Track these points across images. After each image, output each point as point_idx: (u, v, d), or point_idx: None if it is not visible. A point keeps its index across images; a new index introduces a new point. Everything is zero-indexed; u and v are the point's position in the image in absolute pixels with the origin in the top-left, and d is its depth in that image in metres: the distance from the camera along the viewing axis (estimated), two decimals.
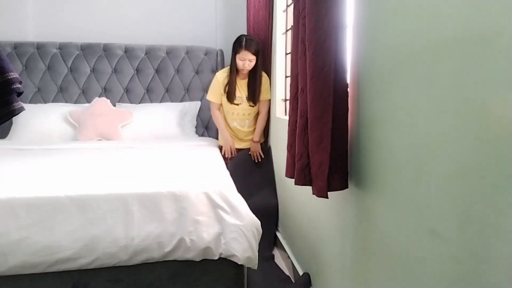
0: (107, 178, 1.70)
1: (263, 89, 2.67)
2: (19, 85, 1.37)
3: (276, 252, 2.37)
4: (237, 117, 2.74)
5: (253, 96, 2.63)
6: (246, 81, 2.65)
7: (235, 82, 2.62)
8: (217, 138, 3.04)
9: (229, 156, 2.71)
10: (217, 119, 2.74)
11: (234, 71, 2.60)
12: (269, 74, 2.67)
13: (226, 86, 2.64)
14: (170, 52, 3.38)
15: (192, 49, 3.41)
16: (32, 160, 2.09)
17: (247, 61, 2.51)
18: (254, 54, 2.50)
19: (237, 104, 2.67)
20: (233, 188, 1.72)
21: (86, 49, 3.29)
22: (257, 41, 2.57)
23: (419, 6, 0.88)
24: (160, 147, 2.62)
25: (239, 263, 1.60)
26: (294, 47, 1.40)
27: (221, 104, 2.76)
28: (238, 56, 2.51)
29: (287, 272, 2.10)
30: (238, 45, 2.51)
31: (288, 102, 2.48)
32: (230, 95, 2.63)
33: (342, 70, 1.18)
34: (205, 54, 3.38)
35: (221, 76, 2.67)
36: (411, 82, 0.91)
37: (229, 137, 2.66)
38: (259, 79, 2.60)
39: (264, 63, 2.65)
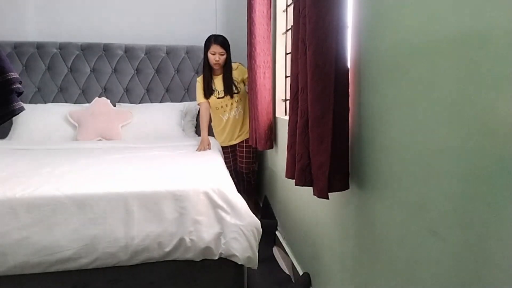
0: (107, 178, 1.70)
1: (241, 80, 2.88)
2: (19, 85, 1.37)
3: (276, 252, 2.37)
4: (227, 108, 2.88)
5: (228, 90, 2.80)
6: (220, 77, 2.82)
7: (210, 78, 2.82)
8: None
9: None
10: (201, 118, 2.88)
11: (207, 67, 2.79)
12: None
13: (204, 84, 2.83)
14: (170, 52, 3.38)
15: (192, 49, 3.41)
16: (32, 160, 2.09)
17: (217, 54, 2.70)
18: (223, 47, 2.71)
19: (222, 97, 2.83)
20: (233, 188, 1.72)
21: (86, 49, 3.28)
22: (225, 37, 2.77)
23: (419, 6, 0.88)
24: (160, 147, 2.61)
25: (239, 263, 1.60)
26: (294, 47, 1.39)
27: (209, 104, 2.88)
28: (209, 51, 2.72)
29: (287, 271, 2.10)
30: (208, 41, 2.75)
31: (288, 102, 2.48)
32: (208, 91, 2.81)
33: (343, 69, 1.17)
34: (203, 53, 3.38)
35: (201, 78, 2.86)
36: (412, 82, 0.91)
37: (206, 138, 2.75)
38: (231, 72, 2.81)
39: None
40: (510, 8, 0.63)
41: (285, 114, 2.52)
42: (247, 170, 2.91)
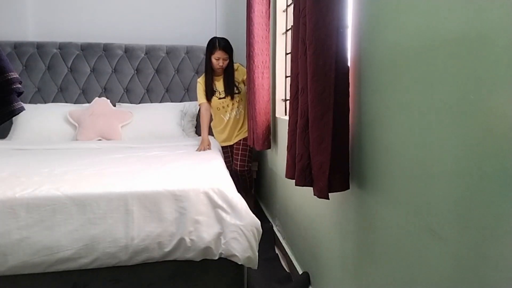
0: (107, 178, 1.70)
1: (241, 80, 2.90)
2: (19, 85, 1.36)
3: (276, 251, 2.37)
4: (228, 108, 2.90)
5: (229, 91, 2.83)
6: (221, 78, 2.84)
7: (212, 80, 2.83)
8: None
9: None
10: (202, 119, 2.88)
11: (209, 70, 2.81)
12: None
13: (206, 86, 2.85)
14: (170, 52, 3.38)
15: (192, 49, 3.41)
16: (32, 160, 2.09)
17: (221, 59, 2.73)
18: (227, 52, 2.73)
19: (224, 98, 2.86)
20: (233, 188, 1.72)
21: (86, 49, 3.28)
22: (228, 41, 2.79)
23: (419, 6, 0.88)
24: (160, 147, 2.61)
25: (239, 263, 1.60)
26: (295, 47, 1.39)
27: (210, 105, 2.89)
28: (213, 56, 2.73)
29: (287, 270, 2.10)
30: (212, 46, 2.74)
31: (288, 102, 2.48)
32: (210, 92, 2.83)
33: (343, 69, 1.17)
34: (205, 54, 3.38)
35: (202, 80, 2.87)
36: (412, 82, 0.91)
37: (206, 138, 2.75)
38: (232, 74, 2.84)
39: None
40: (510, 8, 0.63)
41: (285, 114, 2.51)
42: (242, 168, 2.91)
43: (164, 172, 1.82)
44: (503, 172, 0.65)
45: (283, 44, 2.51)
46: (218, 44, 2.71)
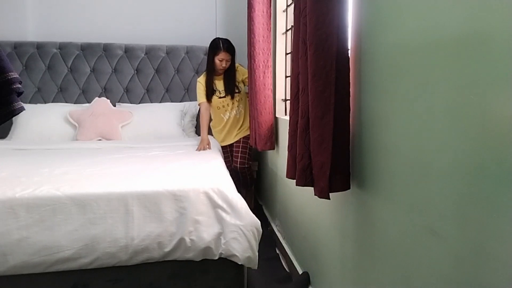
0: (107, 178, 1.70)
1: (241, 80, 2.92)
2: (19, 85, 1.36)
3: (277, 251, 2.37)
4: (229, 107, 2.90)
5: (229, 90, 2.85)
6: (222, 77, 2.86)
7: (212, 80, 2.85)
8: None
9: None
10: (202, 118, 2.89)
11: (211, 71, 2.82)
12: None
13: (206, 86, 2.86)
14: (170, 52, 3.38)
15: (192, 49, 3.41)
16: (32, 160, 2.08)
17: (224, 61, 2.75)
18: (230, 54, 2.76)
19: (224, 97, 2.87)
20: (233, 188, 1.72)
21: (86, 49, 3.28)
22: (231, 42, 2.81)
23: (419, 6, 0.88)
24: (160, 147, 2.61)
25: (239, 263, 1.60)
26: (295, 47, 1.39)
27: (210, 105, 2.89)
28: (217, 58, 2.74)
29: (288, 270, 2.10)
30: (216, 47, 2.75)
31: (288, 102, 2.48)
32: (210, 91, 2.84)
33: (343, 69, 1.17)
34: (205, 54, 3.38)
35: (202, 79, 2.88)
36: (412, 81, 0.91)
37: (205, 138, 2.75)
38: (233, 73, 2.86)
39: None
40: (510, 8, 0.63)
41: (285, 114, 2.51)
42: (242, 165, 2.91)
43: (164, 172, 1.82)
44: (503, 171, 0.65)
45: (283, 44, 2.52)
46: (222, 45, 2.71)
